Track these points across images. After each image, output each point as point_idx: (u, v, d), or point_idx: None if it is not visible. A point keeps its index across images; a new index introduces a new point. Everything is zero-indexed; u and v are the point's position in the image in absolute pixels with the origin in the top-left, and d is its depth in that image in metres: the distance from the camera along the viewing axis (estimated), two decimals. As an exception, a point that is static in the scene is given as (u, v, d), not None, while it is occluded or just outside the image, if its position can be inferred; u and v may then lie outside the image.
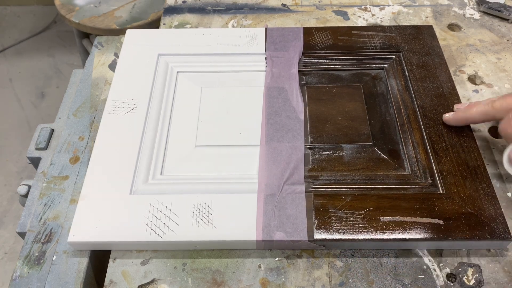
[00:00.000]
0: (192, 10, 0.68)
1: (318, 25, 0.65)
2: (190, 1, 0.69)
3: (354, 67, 0.57)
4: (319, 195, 0.45)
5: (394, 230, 0.42)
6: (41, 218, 0.47)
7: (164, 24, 0.66)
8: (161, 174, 0.48)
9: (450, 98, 0.52)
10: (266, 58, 0.57)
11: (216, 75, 0.57)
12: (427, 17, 0.66)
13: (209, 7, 0.68)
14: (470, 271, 0.42)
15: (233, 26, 0.65)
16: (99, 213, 0.44)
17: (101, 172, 0.47)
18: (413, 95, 0.53)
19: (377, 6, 0.67)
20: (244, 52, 0.58)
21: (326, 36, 0.59)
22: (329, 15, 0.66)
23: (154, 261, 0.44)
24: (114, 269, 0.43)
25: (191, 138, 0.51)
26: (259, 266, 0.43)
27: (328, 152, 0.49)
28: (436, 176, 0.46)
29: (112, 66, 0.61)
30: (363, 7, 0.67)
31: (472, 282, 0.42)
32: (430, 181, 0.46)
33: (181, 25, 0.65)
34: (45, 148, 0.54)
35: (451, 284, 0.42)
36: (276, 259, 0.44)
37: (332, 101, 0.54)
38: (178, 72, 0.57)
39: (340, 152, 0.49)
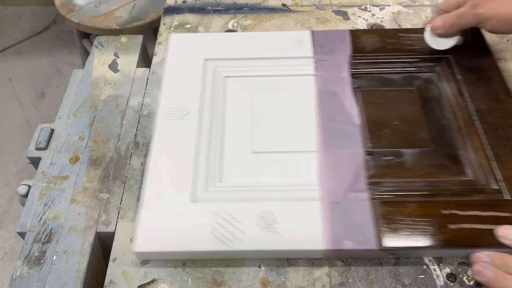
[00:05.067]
0: (192, 10, 0.68)
1: (318, 25, 0.65)
2: (190, 1, 0.69)
3: (405, 70, 0.56)
4: (384, 202, 0.44)
5: (464, 237, 0.42)
6: (41, 218, 0.47)
7: (164, 24, 0.66)
8: (220, 181, 0.47)
9: (506, 101, 0.51)
10: (314, 61, 0.56)
11: (265, 80, 0.56)
12: (427, 17, 0.66)
13: (209, 7, 0.68)
14: (470, 271, 0.42)
15: (233, 26, 0.65)
16: (162, 222, 0.43)
17: (161, 180, 0.46)
18: (468, 99, 0.51)
19: (377, 6, 0.67)
20: (291, 55, 0.57)
21: (373, 38, 0.58)
22: (329, 15, 0.66)
23: (154, 261, 0.44)
24: (114, 269, 0.43)
25: (246, 144, 0.49)
26: (259, 266, 0.43)
27: (388, 158, 0.48)
28: (502, 181, 0.45)
29: (112, 66, 0.61)
30: (363, 7, 0.67)
31: (472, 282, 0.42)
32: (495, 187, 0.45)
33: (181, 25, 0.65)
34: (45, 148, 0.54)
35: (451, 284, 0.42)
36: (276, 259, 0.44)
37: (387, 105, 0.52)
38: (226, 77, 0.56)
39: (400, 157, 0.48)
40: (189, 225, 0.43)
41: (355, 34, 0.59)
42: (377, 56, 0.56)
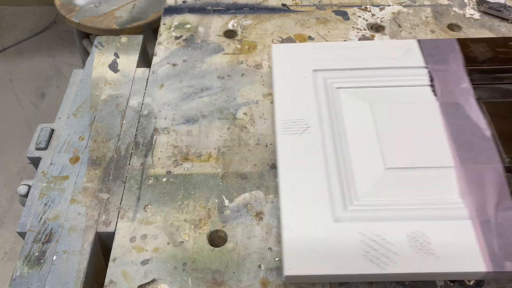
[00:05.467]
0: (192, 10, 0.68)
1: (318, 25, 0.65)
2: (190, 1, 0.69)
3: None
4: None
5: None
6: (41, 218, 0.47)
7: (164, 24, 0.66)
8: (356, 200, 0.45)
9: None
10: (428, 71, 0.55)
11: (379, 91, 0.54)
12: (427, 17, 0.66)
13: (209, 7, 0.68)
14: (470, 271, 0.42)
15: (233, 26, 0.65)
16: (308, 244, 0.42)
17: (296, 199, 0.45)
18: None
19: (377, 6, 0.68)
20: (401, 65, 0.55)
21: (483, 47, 0.57)
22: (329, 15, 0.66)
23: (154, 261, 0.44)
24: (114, 269, 0.43)
25: (377, 160, 0.48)
26: (259, 266, 0.43)
27: None
28: None
29: (112, 66, 0.61)
30: (363, 7, 0.67)
31: (472, 282, 0.42)
32: None
33: (181, 25, 0.66)
34: (45, 148, 0.54)
35: (451, 284, 0.42)
36: (276, 259, 0.44)
37: None
38: (337, 88, 0.54)
39: None
40: (337, 247, 0.42)
41: (463, 43, 0.57)
42: (492, 65, 0.55)
